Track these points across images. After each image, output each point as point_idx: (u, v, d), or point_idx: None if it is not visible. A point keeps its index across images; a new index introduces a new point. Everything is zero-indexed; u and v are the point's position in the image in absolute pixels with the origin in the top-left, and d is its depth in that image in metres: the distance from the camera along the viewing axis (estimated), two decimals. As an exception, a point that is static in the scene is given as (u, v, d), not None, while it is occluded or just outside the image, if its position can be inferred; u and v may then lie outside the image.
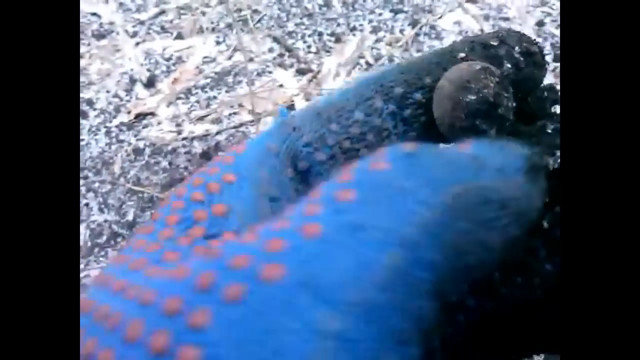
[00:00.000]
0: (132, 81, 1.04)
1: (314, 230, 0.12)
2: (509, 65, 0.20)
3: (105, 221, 0.86)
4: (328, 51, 1.02)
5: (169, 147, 0.92)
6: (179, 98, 1.00)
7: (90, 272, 0.81)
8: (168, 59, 1.07)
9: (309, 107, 0.19)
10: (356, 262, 0.11)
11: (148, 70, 1.05)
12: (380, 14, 1.07)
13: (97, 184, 0.90)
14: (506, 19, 1.02)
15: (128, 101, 1.01)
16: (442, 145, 0.18)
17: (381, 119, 0.19)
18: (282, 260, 0.11)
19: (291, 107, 0.95)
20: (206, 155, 0.90)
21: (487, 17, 1.03)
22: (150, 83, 1.03)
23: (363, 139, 0.19)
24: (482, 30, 1.01)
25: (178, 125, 0.95)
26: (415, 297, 0.11)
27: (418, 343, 0.11)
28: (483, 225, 0.13)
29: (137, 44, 1.10)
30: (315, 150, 0.18)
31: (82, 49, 1.11)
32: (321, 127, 0.19)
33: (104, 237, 0.84)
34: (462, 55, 0.20)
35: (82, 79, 1.06)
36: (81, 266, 0.82)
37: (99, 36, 1.13)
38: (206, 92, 1.00)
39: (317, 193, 0.13)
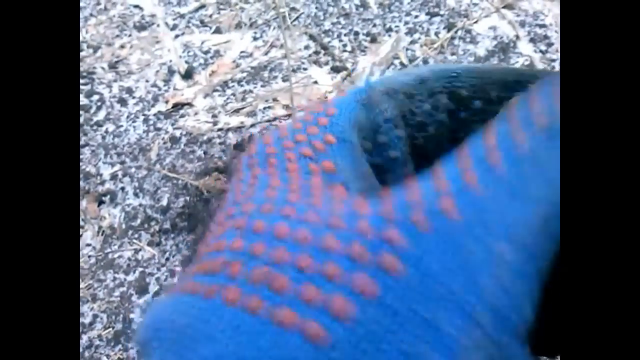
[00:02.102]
0: (171, 72, 1.07)
1: (472, 179, 0.14)
2: None
3: (140, 205, 0.89)
4: (363, 50, 1.04)
5: (205, 137, 0.95)
6: (215, 90, 1.02)
7: (123, 253, 0.84)
8: (206, 52, 1.09)
9: (388, 81, 0.20)
10: (511, 213, 0.13)
11: (186, 62, 1.08)
12: (416, 16, 1.08)
13: (133, 169, 0.93)
14: (542, 26, 1.03)
15: (166, 91, 1.04)
16: None
17: (443, 115, 0.20)
18: (453, 199, 0.13)
19: (324, 103, 0.97)
20: (240, 147, 0.92)
21: (522, 24, 1.03)
22: (188, 75, 1.05)
23: (425, 130, 0.20)
24: (517, 37, 1.01)
25: (214, 116, 0.98)
26: (551, 246, 0.14)
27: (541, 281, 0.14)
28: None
29: (177, 36, 1.13)
30: (395, 127, 0.19)
31: (124, 40, 1.14)
32: (398, 108, 0.20)
33: (138, 221, 0.87)
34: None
35: (122, 68, 1.09)
36: (114, 247, 0.85)
37: (140, 28, 1.16)
38: (242, 85, 1.02)
39: (465, 151, 0.15)
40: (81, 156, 0.95)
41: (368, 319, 0.12)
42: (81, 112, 1.02)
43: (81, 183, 0.92)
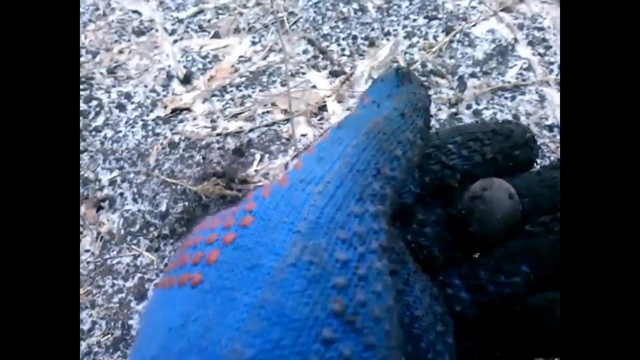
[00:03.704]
0: (169, 77, 1.07)
1: (299, 165, 0.20)
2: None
3: (139, 211, 0.89)
4: (361, 55, 1.04)
5: (203, 142, 0.95)
6: (214, 95, 1.02)
7: (122, 259, 0.84)
8: (204, 57, 1.09)
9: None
10: (323, 167, 0.19)
11: (185, 67, 1.08)
12: (414, 20, 1.08)
13: (132, 175, 0.93)
14: (541, 29, 1.02)
15: (165, 96, 1.04)
16: None
17: None
18: (287, 177, 0.20)
19: (323, 107, 0.97)
20: (238, 152, 0.92)
21: (521, 27, 1.03)
22: (186, 80, 1.06)
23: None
24: (515, 40, 1.01)
25: (212, 121, 0.98)
26: (362, 178, 0.19)
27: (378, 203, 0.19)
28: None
29: (175, 41, 1.13)
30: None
31: (122, 45, 1.14)
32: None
33: (137, 226, 0.87)
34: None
35: (121, 73, 1.09)
36: (113, 253, 0.85)
37: (139, 33, 1.16)
38: (241, 90, 1.02)
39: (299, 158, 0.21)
40: (80, 162, 0.95)
41: (226, 257, 0.17)
42: (80, 118, 1.02)
43: (80, 189, 0.92)
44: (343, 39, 1.07)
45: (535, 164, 0.25)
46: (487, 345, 0.22)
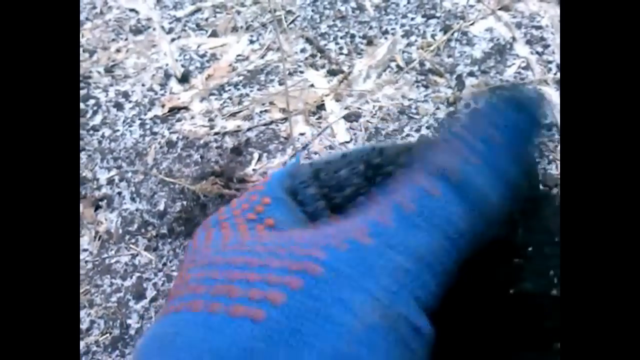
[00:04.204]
0: (167, 76, 1.06)
1: (389, 223, 0.19)
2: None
3: (137, 210, 0.88)
4: (359, 53, 1.04)
5: (201, 141, 0.94)
6: (212, 94, 1.02)
7: (120, 258, 0.84)
8: (202, 56, 1.09)
9: (317, 158, 0.27)
10: (416, 238, 0.18)
11: (182, 66, 1.08)
12: (412, 19, 1.08)
13: (130, 174, 0.93)
14: (539, 28, 1.03)
15: (162, 95, 1.03)
16: None
17: (360, 179, 0.25)
18: (370, 235, 0.19)
19: (321, 106, 0.96)
20: (237, 151, 0.92)
21: (519, 25, 1.03)
22: (184, 78, 1.05)
23: (342, 190, 0.25)
24: (513, 39, 1.01)
25: (210, 120, 0.98)
26: (448, 261, 0.19)
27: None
28: None
29: (173, 40, 1.13)
30: (308, 187, 0.24)
31: (120, 44, 1.14)
32: (315, 174, 0.25)
33: (135, 225, 0.87)
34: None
35: (118, 72, 1.09)
36: (111, 252, 0.85)
37: (136, 31, 1.16)
38: (239, 89, 1.02)
39: (382, 200, 0.20)
40: (77, 161, 0.95)
41: (295, 302, 0.17)
42: (77, 117, 1.02)
43: (78, 188, 0.92)
44: (341, 37, 1.07)
45: None
46: (478, 331, 0.22)
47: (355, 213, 0.20)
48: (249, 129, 0.95)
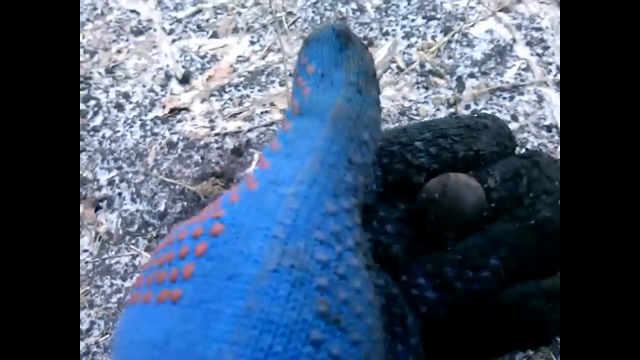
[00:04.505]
0: (168, 77, 1.07)
1: (265, 164, 0.19)
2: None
3: (137, 211, 0.88)
4: (360, 55, 1.04)
5: (202, 142, 0.94)
6: (212, 95, 1.02)
7: (120, 259, 0.84)
8: (203, 57, 1.09)
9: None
10: (293, 165, 0.19)
11: (183, 67, 1.08)
12: (412, 20, 1.08)
13: (130, 175, 0.93)
14: (539, 29, 1.03)
15: (163, 96, 1.04)
16: None
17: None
18: (255, 180, 0.19)
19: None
20: (237, 152, 0.92)
21: (519, 27, 1.04)
22: (185, 79, 1.05)
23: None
24: (514, 40, 1.01)
25: (211, 121, 0.98)
26: (336, 172, 0.19)
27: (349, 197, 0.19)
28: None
29: (174, 41, 1.13)
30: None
31: (121, 45, 1.14)
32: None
33: (135, 226, 0.87)
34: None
35: (119, 72, 1.09)
36: (112, 253, 0.85)
37: (137, 32, 1.16)
38: (239, 90, 1.02)
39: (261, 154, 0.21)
40: (78, 162, 0.95)
41: (202, 269, 0.17)
42: (78, 118, 1.02)
43: (78, 189, 0.92)
44: (341, 39, 1.07)
45: None
46: (459, 341, 0.22)
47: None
48: (250, 130, 0.95)
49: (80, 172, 0.94)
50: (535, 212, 0.21)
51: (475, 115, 0.24)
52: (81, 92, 1.06)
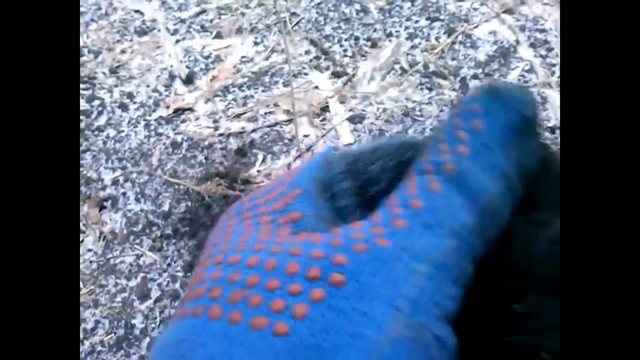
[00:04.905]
0: (172, 77, 1.07)
1: (401, 223, 0.19)
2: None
3: (142, 210, 0.89)
4: (364, 55, 1.04)
5: (206, 142, 0.95)
6: (216, 95, 1.02)
7: (124, 258, 0.84)
8: (207, 57, 1.09)
9: (348, 150, 0.25)
10: (427, 241, 0.18)
11: (187, 67, 1.08)
12: (416, 21, 1.08)
13: (134, 175, 0.93)
14: (542, 31, 1.03)
15: (167, 96, 1.04)
16: None
17: (392, 174, 0.24)
18: (387, 237, 0.18)
19: (325, 108, 0.97)
20: (241, 152, 0.92)
21: (523, 28, 1.04)
22: (189, 80, 1.06)
23: (377, 184, 0.24)
24: (517, 42, 1.02)
25: (215, 121, 0.98)
26: (464, 262, 0.19)
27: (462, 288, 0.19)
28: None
29: (178, 41, 1.14)
30: (343, 180, 0.24)
31: (125, 45, 1.14)
32: (349, 166, 0.24)
33: (140, 226, 0.87)
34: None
35: (123, 73, 1.09)
36: (116, 253, 0.85)
37: (141, 33, 1.16)
38: (243, 90, 1.02)
39: (394, 198, 0.20)
40: (82, 161, 0.96)
41: (317, 315, 0.16)
42: (82, 117, 1.02)
43: (82, 188, 0.92)
44: (345, 39, 1.07)
45: None
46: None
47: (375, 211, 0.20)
48: (254, 131, 0.95)
49: (85, 172, 0.94)
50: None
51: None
52: (85, 92, 1.07)
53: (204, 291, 0.18)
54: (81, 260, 0.85)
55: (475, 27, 1.06)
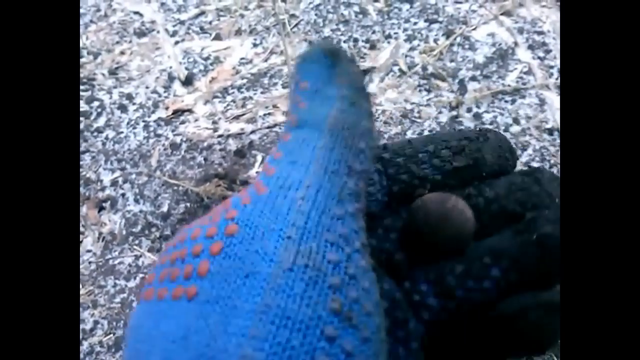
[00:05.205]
0: (171, 78, 1.07)
1: (272, 171, 0.20)
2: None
3: (141, 211, 0.89)
4: (362, 57, 1.04)
5: (205, 144, 0.95)
6: (215, 97, 1.02)
7: (123, 259, 0.84)
8: (206, 59, 1.10)
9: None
10: (299, 171, 0.20)
11: (186, 68, 1.08)
12: (415, 23, 1.09)
13: (134, 176, 0.93)
14: (541, 33, 1.03)
15: (166, 97, 1.04)
16: None
17: (377, 176, 0.25)
18: (264, 185, 0.20)
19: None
20: (240, 153, 0.92)
21: (521, 31, 1.04)
22: (188, 81, 1.06)
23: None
24: (515, 44, 1.02)
25: (214, 122, 0.98)
26: (337, 178, 0.20)
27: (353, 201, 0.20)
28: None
29: (177, 42, 1.14)
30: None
31: (124, 46, 1.14)
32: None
33: (139, 227, 0.87)
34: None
35: (122, 74, 1.09)
36: (115, 254, 0.85)
37: (140, 34, 1.16)
38: (242, 92, 1.02)
39: (265, 165, 0.21)
40: (81, 162, 0.96)
41: (218, 267, 0.18)
42: (81, 119, 1.02)
43: (81, 189, 0.93)
44: (344, 41, 1.08)
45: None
46: (459, 348, 0.22)
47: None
48: (252, 132, 0.96)
49: (84, 173, 0.94)
50: (536, 227, 0.22)
51: (477, 129, 0.25)
52: (84, 93, 1.07)
53: (145, 281, 0.20)
54: (80, 261, 0.85)
55: (474, 29, 1.06)
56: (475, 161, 0.24)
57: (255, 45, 1.10)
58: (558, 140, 0.88)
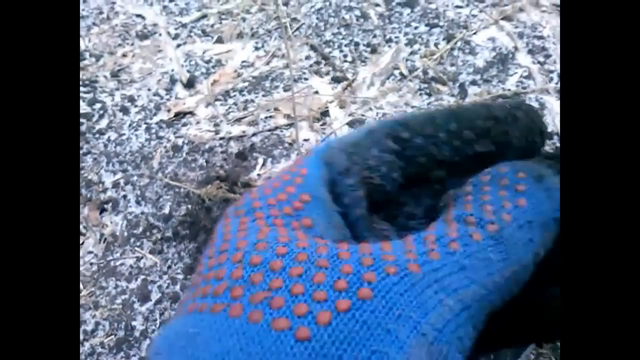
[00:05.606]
0: (173, 81, 1.08)
1: (435, 256, 0.19)
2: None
3: (142, 213, 0.89)
4: (363, 61, 1.05)
5: (206, 146, 0.95)
6: (217, 99, 1.03)
7: (125, 261, 0.85)
8: (208, 62, 1.10)
9: (343, 139, 0.24)
10: (461, 281, 0.19)
11: (188, 71, 1.09)
12: (416, 27, 1.09)
13: (135, 177, 0.93)
14: (540, 38, 1.04)
15: (168, 100, 1.04)
16: None
17: (392, 156, 0.23)
18: (419, 264, 0.19)
19: (325, 113, 0.98)
20: (241, 156, 0.93)
21: (521, 35, 1.05)
22: (190, 84, 1.06)
23: (378, 170, 0.23)
24: (515, 48, 1.03)
25: (216, 125, 0.99)
26: (482, 314, 0.19)
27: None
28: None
29: (179, 45, 1.14)
30: (347, 176, 0.23)
31: (126, 49, 1.15)
32: (349, 159, 0.23)
33: (140, 228, 0.88)
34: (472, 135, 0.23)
35: (124, 76, 1.10)
36: (116, 255, 0.85)
37: (143, 37, 1.17)
38: (244, 95, 1.03)
39: (432, 236, 0.20)
40: (83, 164, 0.96)
41: (340, 325, 0.16)
42: (83, 120, 1.03)
43: (83, 191, 0.93)
44: (345, 45, 1.08)
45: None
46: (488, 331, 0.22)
47: (408, 236, 0.20)
48: (254, 134, 0.96)
49: (86, 175, 0.95)
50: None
51: (508, 105, 0.23)
52: (87, 96, 1.07)
53: (223, 289, 0.18)
54: (81, 263, 0.85)
55: (474, 33, 1.07)
56: (500, 146, 0.23)
57: (256, 48, 1.11)
58: (558, 144, 0.89)
